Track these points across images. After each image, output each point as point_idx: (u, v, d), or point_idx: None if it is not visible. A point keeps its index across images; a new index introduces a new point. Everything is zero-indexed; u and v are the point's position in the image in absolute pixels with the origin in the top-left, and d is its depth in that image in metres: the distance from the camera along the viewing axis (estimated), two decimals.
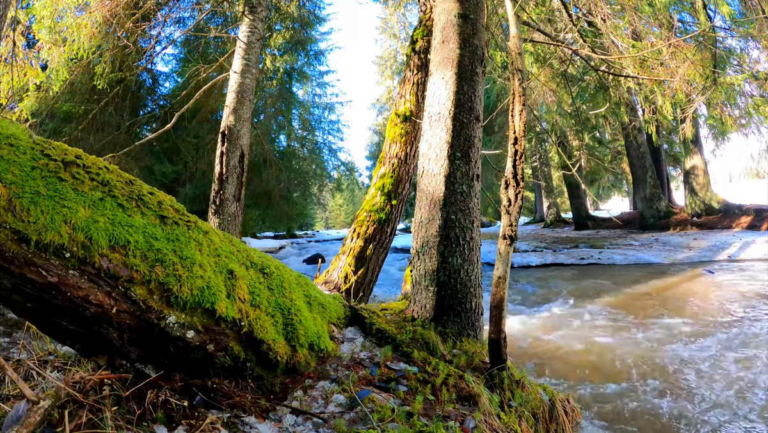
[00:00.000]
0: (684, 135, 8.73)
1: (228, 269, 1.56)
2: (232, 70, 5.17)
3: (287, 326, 1.70)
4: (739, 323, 4.40)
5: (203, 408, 1.40)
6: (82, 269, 1.18)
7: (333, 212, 48.21)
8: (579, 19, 5.12)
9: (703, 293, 5.86)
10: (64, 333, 1.31)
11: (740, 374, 3.12)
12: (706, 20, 5.75)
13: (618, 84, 6.02)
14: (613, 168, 19.29)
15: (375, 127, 32.22)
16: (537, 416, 1.97)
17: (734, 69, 6.06)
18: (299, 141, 19.51)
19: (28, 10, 5.09)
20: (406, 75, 4.23)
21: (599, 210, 20.60)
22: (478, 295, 2.58)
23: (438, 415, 1.58)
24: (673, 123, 10.79)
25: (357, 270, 3.76)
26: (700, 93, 5.29)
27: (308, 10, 16.02)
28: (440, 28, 2.81)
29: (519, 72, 2.17)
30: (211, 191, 4.86)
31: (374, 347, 2.10)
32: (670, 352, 3.64)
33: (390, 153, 4.06)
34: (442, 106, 2.67)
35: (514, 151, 2.06)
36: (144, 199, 1.40)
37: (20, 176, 1.12)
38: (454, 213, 2.54)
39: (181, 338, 1.37)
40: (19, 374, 1.52)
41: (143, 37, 6.41)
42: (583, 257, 9.62)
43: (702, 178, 13.62)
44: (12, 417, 1.13)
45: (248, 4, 5.23)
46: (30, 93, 5.72)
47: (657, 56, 4.56)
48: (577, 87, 8.16)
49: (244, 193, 4.94)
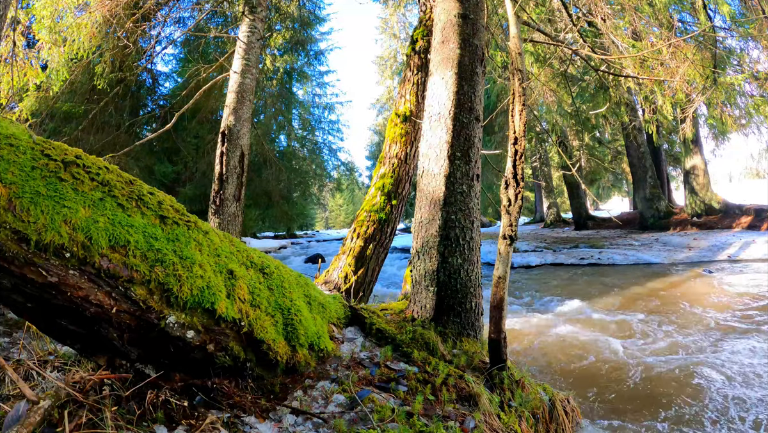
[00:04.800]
0: (684, 135, 8.74)
1: (228, 269, 1.56)
2: (232, 70, 5.17)
3: (287, 326, 1.70)
4: (739, 323, 4.40)
5: (203, 408, 1.40)
6: (82, 269, 1.18)
7: (333, 212, 48.21)
8: (579, 19, 5.11)
9: (704, 293, 5.86)
10: (64, 333, 1.31)
11: (740, 373, 3.11)
12: (706, 20, 5.75)
13: (618, 84, 6.02)
14: (613, 168, 19.29)
15: (375, 127, 32.22)
16: (537, 416, 1.97)
17: (734, 69, 6.06)
18: (299, 141, 19.51)
19: (28, 10, 5.09)
20: (406, 75, 4.23)
21: (599, 210, 20.59)
22: (478, 295, 2.58)
23: (438, 415, 1.58)
24: (673, 123, 10.80)
25: (357, 270, 3.76)
26: (700, 93, 5.29)
27: (308, 10, 16.03)
28: (440, 28, 2.81)
29: (519, 72, 2.17)
30: (211, 191, 4.86)
31: (374, 347, 2.10)
32: (671, 351, 3.64)
33: (390, 153, 4.06)
34: (442, 106, 2.66)
35: (514, 151, 2.06)
36: (144, 199, 1.40)
37: (20, 176, 1.12)
38: (454, 213, 2.54)
39: (181, 338, 1.37)
40: (19, 374, 1.52)
41: (143, 37, 6.41)
42: (583, 257, 9.62)
43: (702, 178, 13.62)
44: (12, 417, 1.13)
45: (248, 4, 5.23)
46: (30, 93, 5.72)
47: (657, 56, 4.56)
48: (577, 87, 8.16)
49: (244, 193, 4.94)
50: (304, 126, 19.96)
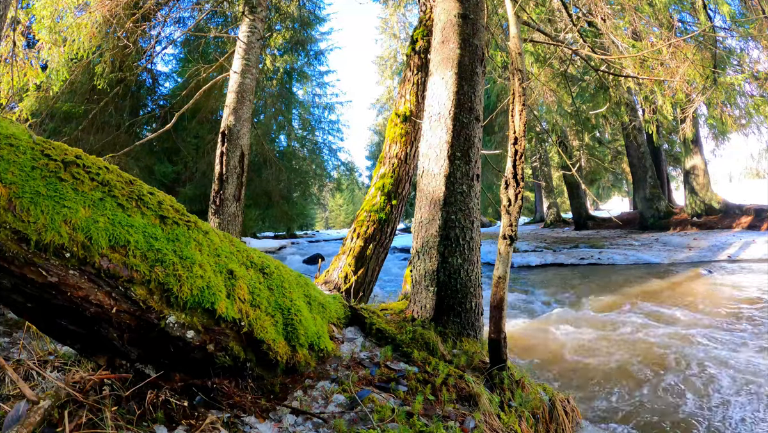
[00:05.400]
0: (684, 135, 8.74)
1: (228, 269, 1.56)
2: (232, 70, 5.17)
3: (287, 326, 1.70)
4: (739, 322, 4.40)
5: (203, 408, 1.40)
6: (82, 269, 1.18)
7: (333, 212, 48.21)
8: (579, 19, 5.11)
9: (704, 293, 5.86)
10: (64, 333, 1.31)
11: (742, 370, 3.11)
12: (706, 20, 5.75)
13: (618, 84, 6.02)
14: (613, 168, 19.29)
15: (375, 127, 32.21)
16: (537, 416, 1.97)
17: (734, 69, 6.06)
18: (299, 141, 19.51)
19: (28, 10, 5.09)
20: (406, 75, 4.23)
21: (599, 210, 20.59)
22: (478, 295, 2.58)
23: (438, 415, 1.58)
24: (673, 123, 10.80)
25: (357, 270, 3.76)
26: (700, 93, 5.28)
27: (308, 10, 16.03)
28: (440, 28, 2.81)
29: (519, 72, 2.17)
30: (211, 191, 4.86)
31: (374, 347, 2.10)
32: (671, 351, 3.64)
33: (390, 153, 4.06)
34: (442, 106, 2.66)
35: (514, 151, 2.06)
36: (144, 199, 1.40)
37: (20, 176, 1.12)
38: (454, 213, 2.54)
39: (181, 338, 1.37)
40: (19, 374, 1.52)
41: (143, 37, 6.41)
42: (583, 257, 9.62)
43: (702, 178, 13.62)
44: (12, 417, 1.13)
45: (248, 4, 5.23)
46: (30, 93, 5.72)
47: (657, 56, 4.56)
48: (577, 87, 8.16)
49: (244, 193, 4.94)
50: (304, 126, 19.96)
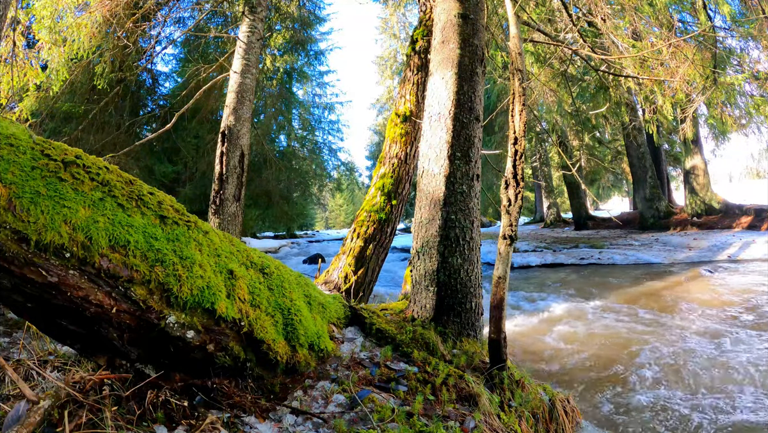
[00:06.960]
0: (684, 135, 8.73)
1: (228, 269, 1.56)
2: (232, 70, 5.17)
3: (287, 326, 1.70)
4: (739, 322, 4.39)
5: (203, 408, 1.40)
6: (82, 269, 1.18)
7: (333, 212, 48.21)
8: (579, 19, 5.11)
9: (704, 293, 5.86)
10: (64, 333, 1.31)
11: (742, 370, 3.12)
12: (706, 20, 5.74)
13: (618, 84, 6.02)
14: (613, 168, 19.28)
15: (375, 127, 32.20)
16: (537, 416, 1.97)
17: (734, 69, 6.05)
18: (299, 141, 19.49)
19: (28, 10, 5.09)
20: (406, 75, 4.23)
21: (599, 210, 20.58)
22: (478, 295, 2.58)
23: (438, 415, 1.58)
24: (673, 123, 10.80)
25: (357, 270, 3.76)
26: (700, 93, 5.28)
27: (308, 10, 16.02)
28: (440, 28, 2.81)
29: (519, 72, 2.17)
30: (211, 191, 4.86)
31: (374, 347, 2.10)
32: (671, 352, 3.64)
33: (390, 153, 4.06)
34: (442, 106, 2.66)
35: (514, 151, 2.06)
36: (144, 199, 1.40)
37: (20, 176, 1.12)
38: (454, 213, 2.54)
39: (181, 338, 1.37)
40: (19, 374, 1.52)
41: (143, 37, 6.41)
42: (583, 257, 9.61)
43: (702, 178, 13.62)
44: (12, 417, 1.13)
45: (248, 4, 5.23)
46: (30, 93, 5.71)
47: (657, 56, 4.56)
48: (577, 87, 8.15)
49: (244, 193, 4.94)
50: (304, 126, 19.95)
